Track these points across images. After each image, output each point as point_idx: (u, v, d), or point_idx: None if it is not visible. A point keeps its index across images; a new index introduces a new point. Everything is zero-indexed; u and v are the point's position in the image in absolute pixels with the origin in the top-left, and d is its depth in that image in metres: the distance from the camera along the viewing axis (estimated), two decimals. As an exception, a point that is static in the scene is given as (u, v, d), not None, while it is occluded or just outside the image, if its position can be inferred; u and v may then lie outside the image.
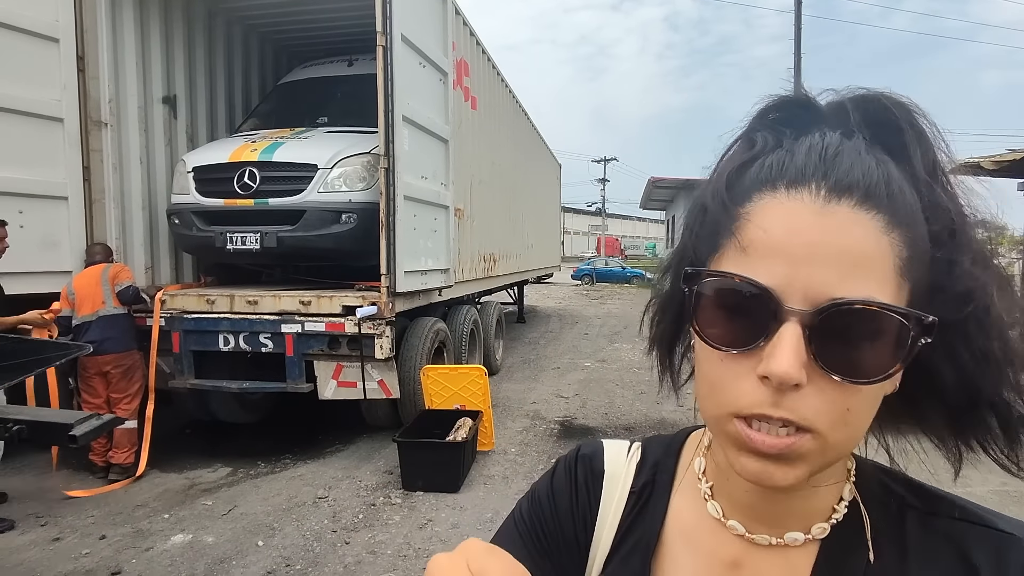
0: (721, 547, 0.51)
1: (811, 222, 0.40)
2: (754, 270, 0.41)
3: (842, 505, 0.49)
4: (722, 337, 0.43)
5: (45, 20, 4.35)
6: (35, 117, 4.32)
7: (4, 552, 3.28)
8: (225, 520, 3.68)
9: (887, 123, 0.44)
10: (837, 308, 0.39)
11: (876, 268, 0.40)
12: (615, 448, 0.62)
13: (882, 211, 0.41)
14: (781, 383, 0.39)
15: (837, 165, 0.41)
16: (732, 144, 0.49)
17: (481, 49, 6.79)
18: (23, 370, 1.73)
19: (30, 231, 4.32)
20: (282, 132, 5.17)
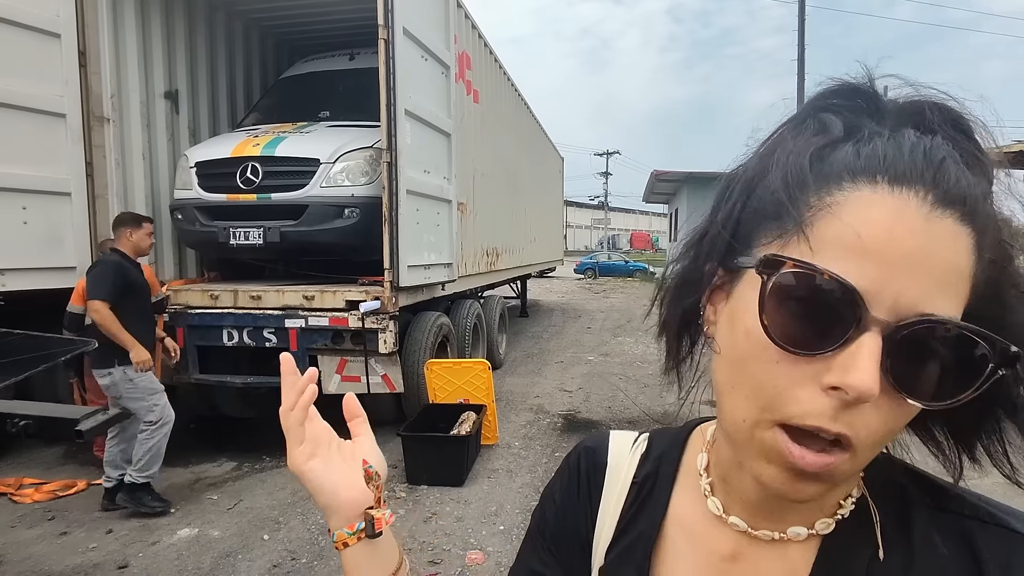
0: (721, 541, 0.50)
1: (915, 228, 0.37)
2: (846, 269, 0.37)
3: (848, 501, 0.47)
4: (790, 336, 0.39)
5: (46, 15, 4.33)
6: (37, 113, 4.31)
7: (12, 546, 3.30)
8: (231, 514, 3.70)
9: (964, 136, 0.41)
10: (923, 325, 0.36)
11: (963, 287, 0.38)
12: (621, 439, 0.61)
13: (978, 229, 0.38)
14: (859, 398, 0.36)
15: (945, 172, 0.38)
16: (788, 124, 0.44)
17: (483, 42, 6.76)
18: (29, 366, 1.74)
19: (33, 227, 4.32)
20: (284, 127, 5.16)
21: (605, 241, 49.02)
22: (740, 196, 0.44)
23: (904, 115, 0.41)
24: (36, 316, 4.12)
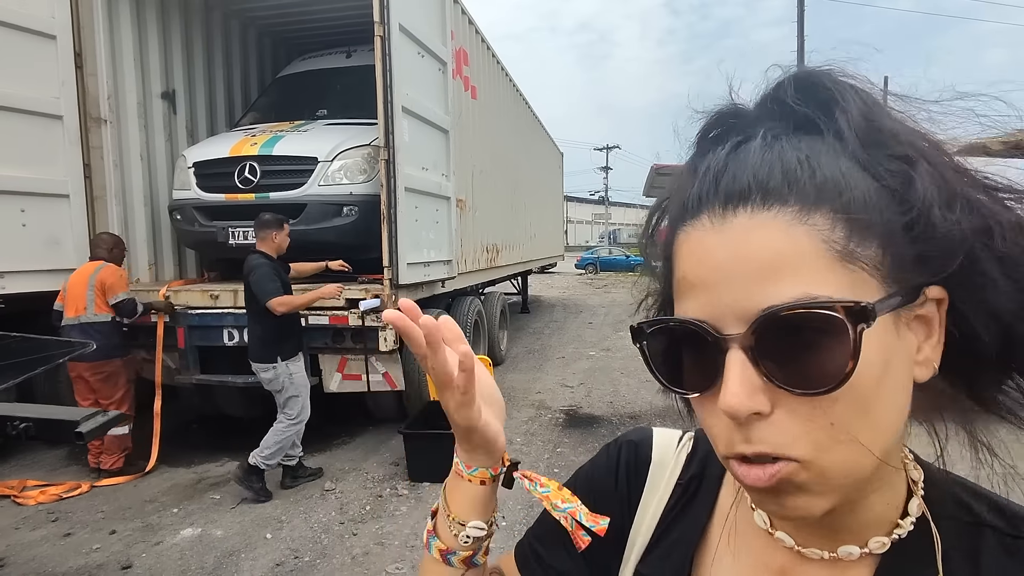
0: (769, 554, 0.48)
1: (712, 243, 0.38)
2: (689, 308, 0.40)
3: (907, 521, 0.44)
4: (685, 383, 0.41)
5: (41, 17, 4.33)
6: (34, 115, 4.32)
7: (16, 548, 3.32)
8: (233, 513, 3.71)
9: (808, 100, 0.40)
10: (764, 318, 0.36)
11: (799, 263, 0.36)
12: (665, 437, 0.60)
13: (788, 202, 0.37)
14: (734, 416, 0.37)
15: (728, 176, 0.39)
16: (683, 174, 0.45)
17: (480, 38, 6.74)
18: (27, 368, 1.74)
19: (32, 229, 4.33)
20: (282, 125, 5.15)
21: (606, 236, 49.00)
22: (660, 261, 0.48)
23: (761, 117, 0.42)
24: (36, 318, 4.13)
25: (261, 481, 3.85)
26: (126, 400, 4.30)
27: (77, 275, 4.21)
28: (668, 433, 0.60)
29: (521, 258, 9.29)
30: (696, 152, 0.45)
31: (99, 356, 4.02)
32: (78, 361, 3.99)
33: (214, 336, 4.50)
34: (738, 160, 0.40)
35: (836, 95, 0.40)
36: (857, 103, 0.39)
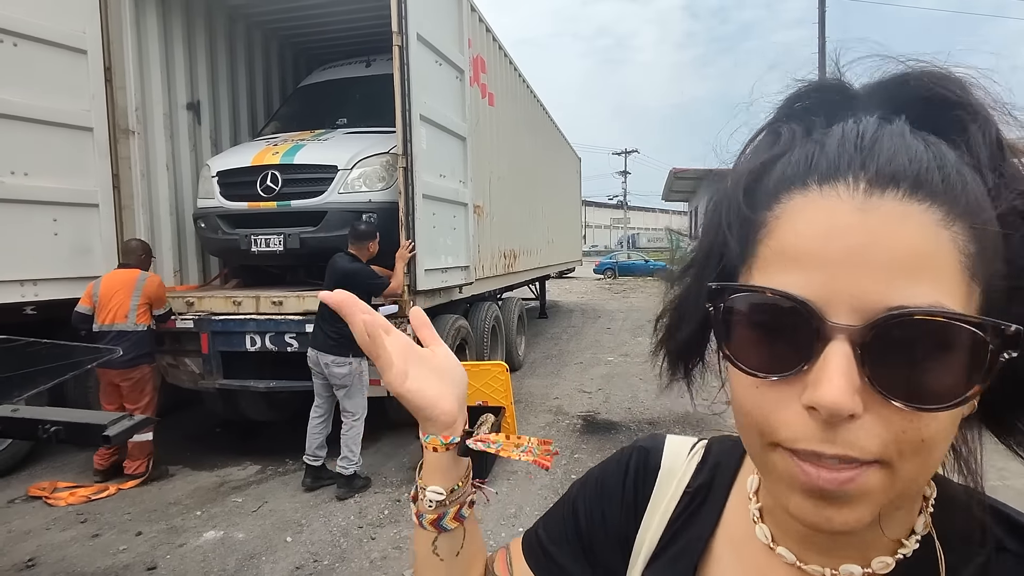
0: (771, 569, 0.47)
1: (851, 221, 0.34)
2: (790, 282, 0.36)
3: (912, 539, 0.42)
4: (758, 362, 0.37)
5: (73, 33, 4.47)
6: (67, 128, 4.45)
7: (46, 548, 3.41)
8: (255, 517, 3.77)
9: (934, 101, 0.38)
10: (894, 320, 0.33)
11: (938, 269, 0.34)
12: (677, 444, 0.59)
13: (938, 201, 0.34)
14: (831, 415, 0.34)
15: (877, 152, 0.36)
16: (754, 137, 0.44)
17: (498, 45, 6.78)
18: (57, 373, 1.80)
19: (64, 238, 4.46)
20: (303, 134, 5.24)
21: (625, 240, 48.75)
22: (718, 220, 0.44)
23: (870, 100, 0.40)
24: (65, 325, 4.25)
25: (358, 479, 4.08)
26: (151, 406, 4.39)
27: (114, 282, 4.26)
28: (681, 440, 0.60)
29: (539, 263, 9.30)
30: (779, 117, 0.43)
31: (130, 363, 4.17)
32: (108, 368, 4.07)
33: (236, 341, 4.58)
34: (887, 136, 0.37)
35: (976, 106, 0.38)
36: (993, 123, 0.38)
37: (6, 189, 4.12)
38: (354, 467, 4.02)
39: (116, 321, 4.17)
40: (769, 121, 0.43)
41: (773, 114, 0.43)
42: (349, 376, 3.97)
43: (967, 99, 0.38)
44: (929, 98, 0.38)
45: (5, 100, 4.09)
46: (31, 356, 1.69)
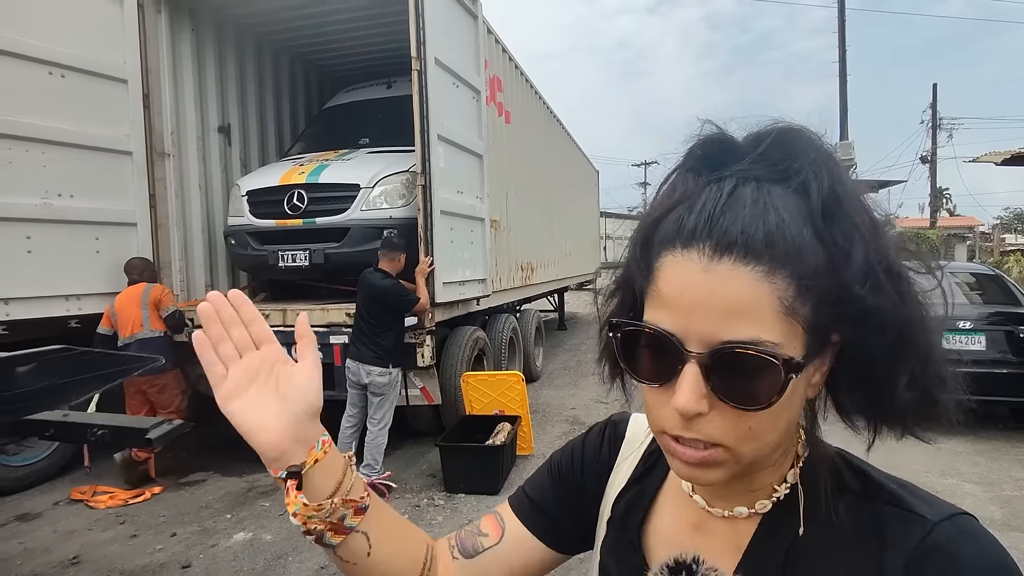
0: (690, 512, 0.62)
1: (698, 280, 0.47)
2: (662, 318, 0.49)
3: (783, 487, 0.57)
4: (645, 373, 0.51)
5: (116, 64, 4.79)
6: (109, 152, 4.76)
7: (89, 547, 3.62)
8: (281, 520, 3.93)
9: (787, 156, 0.49)
10: (723, 350, 0.46)
11: (757, 312, 0.46)
12: (640, 420, 0.74)
13: (761, 262, 0.46)
14: (684, 413, 0.48)
15: (720, 224, 0.47)
16: (663, 182, 0.55)
17: (514, 64, 6.98)
18: (107, 380, 1.99)
19: (106, 256, 4.75)
20: (327, 154, 5.48)
21: (645, 252, 48.43)
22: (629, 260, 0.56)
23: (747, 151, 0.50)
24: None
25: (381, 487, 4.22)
26: (182, 409, 4.61)
27: (124, 299, 4.54)
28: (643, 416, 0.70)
29: (556, 276, 9.42)
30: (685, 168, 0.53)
31: (154, 370, 4.32)
32: (139, 375, 4.29)
33: (264, 353, 4.78)
34: (732, 207, 0.48)
35: (815, 161, 0.49)
36: (829, 175, 0.48)
37: (54, 211, 4.42)
38: (376, 474, 4.18)
39: (134, 331, 4.45)
40: (675, 167, 0.55)
41: (679, 160, 0.54)
42: (388, 385, 4.18)
43: (809, 156, 0.49)
44: (783, 154, 0.49)
45: (54, 128, 4.40)
46: (85, 364, 1.88)
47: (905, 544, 0.49)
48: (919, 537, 0.49)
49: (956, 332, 5.43)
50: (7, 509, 4.18)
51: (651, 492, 0.67)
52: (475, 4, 5.39)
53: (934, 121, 23.34)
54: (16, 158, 4.22)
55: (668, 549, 0.62)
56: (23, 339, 4.09)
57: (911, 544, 0.49)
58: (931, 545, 0.48)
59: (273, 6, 5.67)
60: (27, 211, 4.28)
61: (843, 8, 19.65)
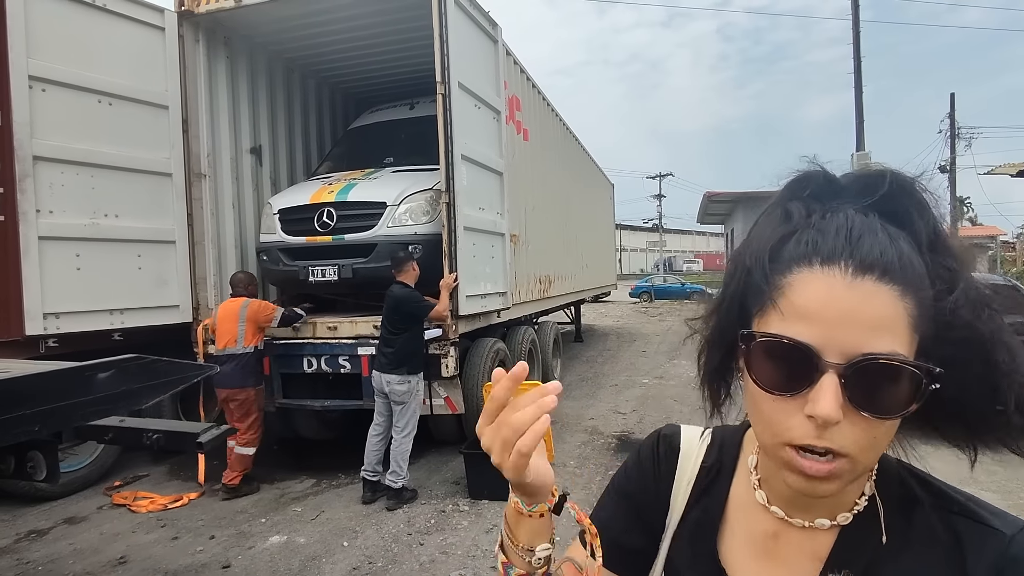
0: (766, 522, 0.63)
1: (843, 294, 0.50)
2: (798, 331, 0.51)
3: (863, 499, 0.59)
4: (774, 383, 0.52)
5: (157, 91, 5.09)
6: (151, 174, 5.04)
7: (134, 548, 3.82)
8: (314, 524, 4.11)
9: (893, 196, 0.54)
10: (866, 361, 0.48)
11: (895, 328, 0.49)
12: (690, 431, 0.76)
13: (896, 282, 0.50)
14: (825, 422, 0.49)
15: (861, 246, 0.51)
16: (769, 210, 0.59)
17: (531, 84, 7.21)
18: (171, 386, 2.18)
19: (146, 272, 5.01)
20: (354, 174, 5.72)
21: (661, 263, 48.49)
22: (741, 278, 0.58)
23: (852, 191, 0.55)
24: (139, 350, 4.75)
25: (406, 491, 4.41)
26: (255, 426, 4.76)
27: (224, 312, 4.74)
28: (692, 428, 0.76)
29: (573, 288, 9.57)
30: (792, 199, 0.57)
31: (236, 383, 4.62)
32: (220, 387, 4.60)
33: (295, 364, 5.00)
34: (867, 233, 0.51)
35: (922, 203, 0.54)
36: (934, 215, 0.54)
37: (100, 230, 4.70)
38: (402, 481, 4.34)
39: (228, 346, 4.64)
40: (779, 199, 0.58)
41: (781, 193, 0.59)
42: (407, 393, 4.35)
43: (915, 197, 0.54)
44: (890, 194, 0.54)
45: (102, 152, 4.70)
46: (155, 371, 2.07)
47: (986, 555, 0.53)
48: (999, 549, 0.53)
49: (972, 343, 5.47)
50: (55, 513, 4.41)
51: (720, 505, 0.68)
52: (495, 29, 5.63)
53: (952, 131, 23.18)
54: (68, 181, 4.51)
55: (747, 561, 0.64)
56: (71, 351, 4.35)
57: (992, 555, 0.53)
58: (1011, 557, 0.52)
59: (301, 33, 5.94)
60: (77, 230, 4.56)
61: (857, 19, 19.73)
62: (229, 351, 4.63)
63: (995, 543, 0.53)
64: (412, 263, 4.54)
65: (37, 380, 1.85)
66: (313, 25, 5.74)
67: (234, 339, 4.65)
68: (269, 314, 4.78)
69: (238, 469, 4.68)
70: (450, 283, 4.64)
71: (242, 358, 4.66)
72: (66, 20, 4.53)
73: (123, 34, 4.88)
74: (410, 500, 4.40)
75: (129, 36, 4.92)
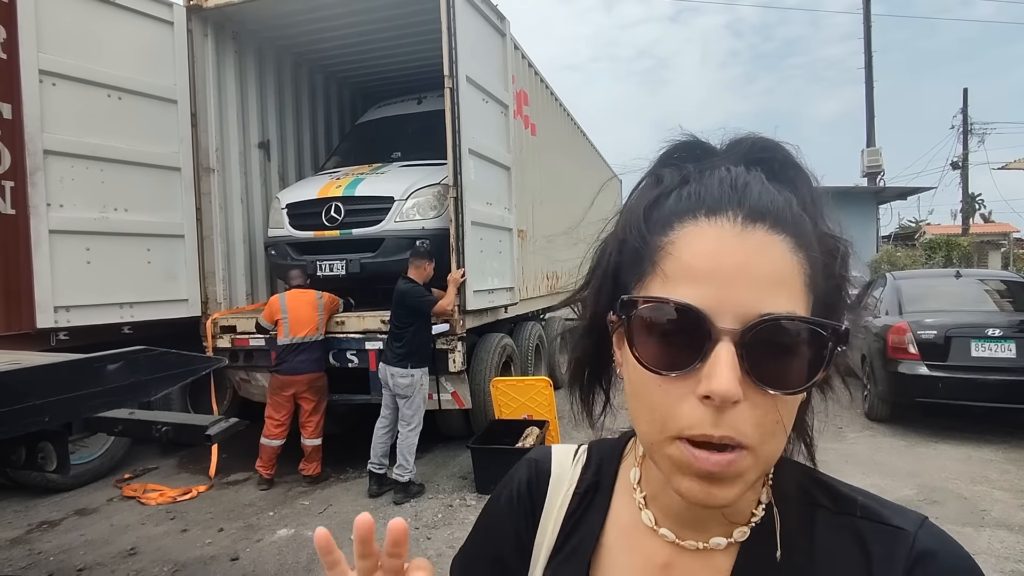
0: (655, 550, 0.54)
1: (734, 245, 0.43)
2: (685, 293, 0.43)
3: (760, 508, 0.52)
4: (660, 361, 0.44)
5: (167, 86, 5.10)
6: (160, 168, 5.06)
7: (144, 539, 3.85)
8: (322, 517, 4.13)
9: (775, 159, 0.49)
10: (766, 323, 0.41)
11: (792, 284, 0.43)
12: (562, 452, 0.65)
13: (789, 233, 0.44)
14: (724, 400, 0.41)
15: (749, 194, 0.45)
16: (640, 183, 0.53)
17: (539, 79, 7.17)
18: (182, 378, 2.19)
19: (156, 266, 5.03)
20: (361, 168, 5.72)
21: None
22: (612, 251, 0.52)
23: (725, 155, 0.50)
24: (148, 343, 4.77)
25: (413, 485, 4.43)
26: (323, 414, 4.90)
27: (299, 301, 4.75)
28: (565, 448, 0.66)
29: (581, 284, 9.52)
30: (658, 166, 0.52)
31: (318, 368, 4.78)
32: (296, 375, 4.66)
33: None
34: (752, 183, 0.45)
35: (798, 165, 0.49)
36: (809, 179, 0.49)
37: (110, 223, 4.72)
38: (409, 475, 4.35)
39: (310, 333, 4.71)
40: (650, 169, 0.53)
41: (652, 164, 0.53)
42: (411, 387, 4.34)
43: (795, 161, 0.50)
44: (771, 158, 0.49)
45: (112, 147, 4.72)
46: (164, 363, 2.08)
47: (894, 557, 0.48)
48: (904, 548, 0.48)
49: (986, 340, 5.41)
50: (66, 504, 4.45)
51: (593, 536, 0.57)
52: (503, 23, 5.60)
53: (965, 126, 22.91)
54: (79, 175, 4.54)
55: None
56: (81, 344, 4.38)
57: (899, 556, 0.48)
58: (917, 555, 0.48)
59: (309, 28, 5.94)
60: (87, 224, 4.58)
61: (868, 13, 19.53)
62: (310, 339, 4.71)
63: (900, 543, 0.49)
64: (430, 263, 4.50)
65: (47, 371, 1.86)
66: (321, 19, 5.74)
67: (315, 327, 4.73)
68: (338, 303, 4.99)
69: (316, 459, 4.83)
70: (457, 278, 4.63)
71: (319, 344, 4.79)
72: (76, 15, 4.54)
73: (132, 29, 4.90)
74: (417, 494, 4.40)
75: (138, 31, 4.94)
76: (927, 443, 5.44)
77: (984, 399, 5.43)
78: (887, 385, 5.90)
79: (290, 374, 4.66)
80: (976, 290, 6.43)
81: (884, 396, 6.03)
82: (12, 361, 2.04)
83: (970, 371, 5.39)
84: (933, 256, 15.91)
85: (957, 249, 16.16)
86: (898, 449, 5.28)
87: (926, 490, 4.31)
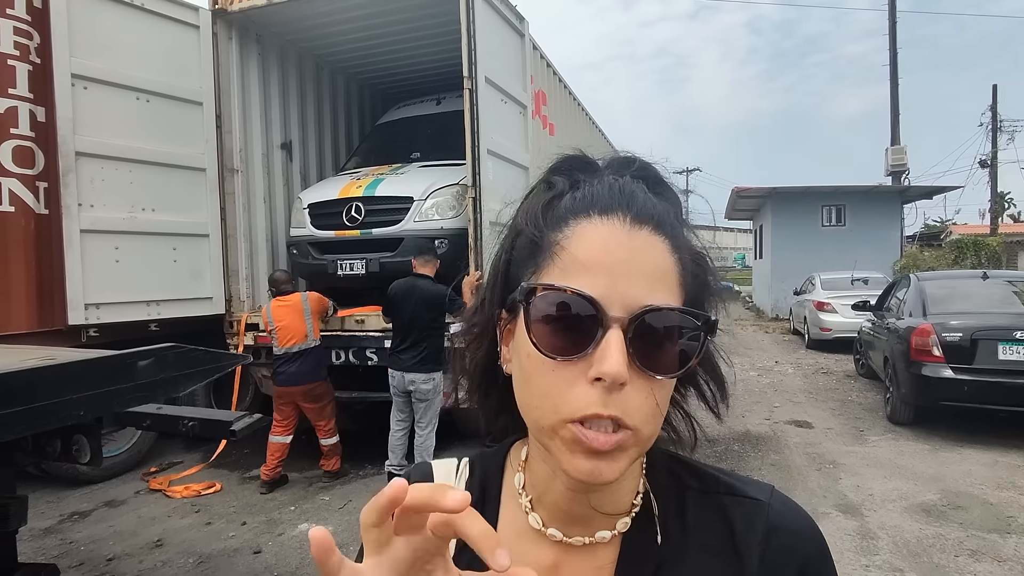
0: (543, 553, 0.55)
1: (624, 241, 0.48)
2: (580, 283, 0.47)
3: (638, 498, 0.55)
4: (554, 347, 0.47)
5: (192, 88, 5.21)
6: (186, 169, 5.17)
7: (170, 532, 3.95)
8: (341, 512, 4.19)
9: (650, 177, 0.55)
10: (649, 313, 0.46)
11: (670, 281, 0.49)
12: (444, 468, 0.64)
13: (668, 237, 0.50)
14: (614, 381, 0.44)
15: (635, 200, 0.50)
16: (533, 188, 0.58)
17: (558, 78, 7.18)
18: (208, 374, 2.25)
19: (182, 264, 5.15)
20: (381, 169, 5.78)
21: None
22: (505, 250, 0.57)
23: (610, 168, 0.56)
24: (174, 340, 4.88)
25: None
26: (334, 414, 4.93)
27: (283, 310, 4.69)
28: (445, 464, 0.65)
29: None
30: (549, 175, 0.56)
31: (314, 377, 4.72)
32: (292, 385, 4.64)
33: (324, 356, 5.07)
34: (636, 191, 0.51)
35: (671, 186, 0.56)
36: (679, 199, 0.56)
37: (138, 223, 4.84)
38: None
39: (298, 342, 4.63)
40: (542, 178, 0.57)
41: (544, 174, 0.58)
42: (433, 390, 4.40)
43: (667, 181, 0.56)
44: (650, 176, 0.55)
45: (140, 148, 4.84)
46: (192, 359, 2.14)
47: (752, 526, 0.53)
48: (760, 517, 0.53)
49: (1013, 343, 5.30)
50: (95, 496, 4.58)
51: None
52: (522, 23, 5.61)
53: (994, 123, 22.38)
54: (108, 176, 4.66)
55: None
56: (110, 341, 4.50)
57: (756, 525, 0.53)
58: (772, 523, 0.53)
59: (330, 30, 6.01)
60: (116, 224, 4.70)
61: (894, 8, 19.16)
62: (299, 347, 4.63)
63: (757, 513, 0.54)
64: (436, 259, 4.54)
65: (83, 366, 1.93)
66: (342, 22, 5.81)
67: (303, 335, 4.66)
68: (326, 303, 4.91)
69: (335, 455, 4.89)
70: (474, 281, 4.65)
71: (315, 351, 4.73)
72: (106, 19, 4.66)
73: (160, 32, 5.01)
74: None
75: (165, 34, 5.05)
76: (952, 447, 5.35)
77: (1012, 403, 5.32)
78: (910, 388, 5.80)
79: (286, 385, 4.63)
80: (1004, 291, 6.29)
81: (907, 399, 5.93)
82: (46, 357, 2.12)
83: (997, 374, 5.28)
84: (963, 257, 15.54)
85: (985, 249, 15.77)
86: (921, 453, 5.20)
87: (950, 495, 4.24)
